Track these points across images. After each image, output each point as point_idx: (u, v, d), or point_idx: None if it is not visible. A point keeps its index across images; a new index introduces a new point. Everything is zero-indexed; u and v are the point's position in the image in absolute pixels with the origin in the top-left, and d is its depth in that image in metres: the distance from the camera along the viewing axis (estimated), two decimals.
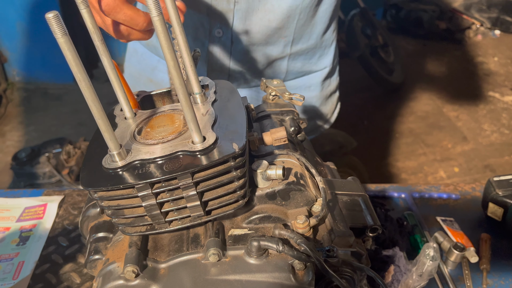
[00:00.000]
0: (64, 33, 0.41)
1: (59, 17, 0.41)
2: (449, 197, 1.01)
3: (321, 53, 1.05)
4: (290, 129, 0.68)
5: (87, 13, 0.49)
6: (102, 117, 0.47)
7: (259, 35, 0.92)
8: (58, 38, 0.41)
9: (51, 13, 0.40)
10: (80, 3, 0.49)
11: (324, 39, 1.03)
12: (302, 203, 0.57)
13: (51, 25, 0.41)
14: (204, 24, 0.90)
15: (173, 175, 0.48)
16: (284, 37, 0.95)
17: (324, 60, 1.08)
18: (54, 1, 3.24)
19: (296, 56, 1.01)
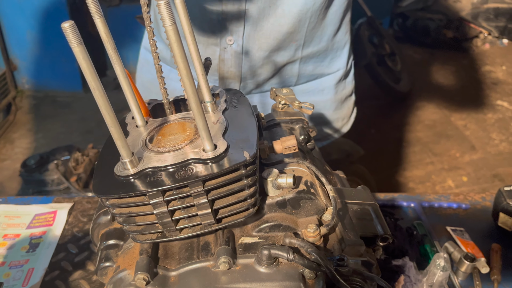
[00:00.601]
0: (80, 42, 0.42)
1: (75, 27, 0.41)
2: (459, 206, 1.00)
3: (333, 56, 1.04)
4: (300, 138, 0.69)
5: (102, 23, 0.50)
6: (115, 125, 0.47)
7: (270, 41, 0.92)
8: (73, 47, 0.42)
9: (67, 22, 0.41)
10: (94, 13, 0.49)
11: (335, 41, 1.03)
12: (313, 211, 0.57)
13: (67, 35, 0.41)
14: (215, 32, 0.91)
15: (184, 183, 0.48)
16: (295, 41, 0.95)
17: (336, 63, 1.07)
18: (64, 11, 3.29)
19: (307, 59, 1.01)
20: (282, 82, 1.03)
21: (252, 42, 0.92)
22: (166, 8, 0.42)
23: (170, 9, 0.42)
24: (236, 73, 0.97)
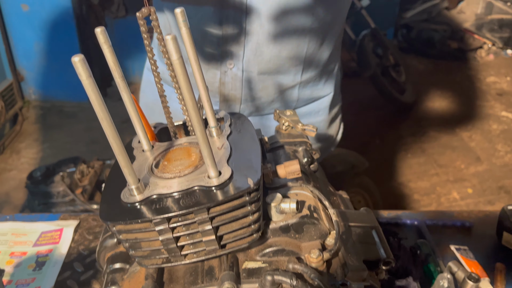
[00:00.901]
0: (89, 75, 0.43)
1: (84, 61, 0.42)
2: (462, 224, 1.00)
3: (326, 78, 1.08)
4: (303, 160, 0.69)
5: (110, 52, 0.51)
6: (122, 154, 0.48)
7: (270, 65, 0.94)
8: (83, 80, 0.43)
9: (77, 56, 0.42)
10: (103, 43, 0.51)
11: (329, 64, 1.06)
12: (316, 236, 0.57)
13: (77, 68, 0.43)
14: (215, 56, 0.92)
15: (189, 210, 0.49)
16: (295, 66, 0.96)
17: (330, 85, 1.10)
18: (71, 23, 3.34)
19: (306, 83, 1.03)
20: (282, 106, 1.04)
21: (252, 66, 0.93)
22: (173, 43, 0.43)
23: (177, 44, 0.43)
24: (236, 95, 0.98)
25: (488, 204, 2.64)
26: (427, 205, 2.67)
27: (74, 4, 3.27)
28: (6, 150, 3.18)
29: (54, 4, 3.25)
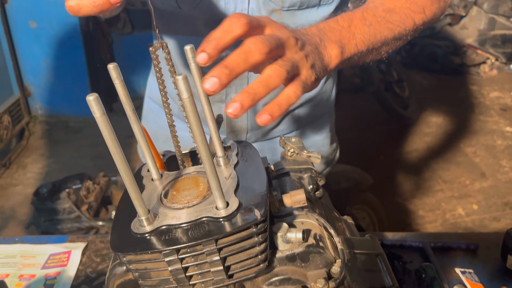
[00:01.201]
0: (103, 112, 0.45)
1: (98, 99, 0.44)
2: (467, 247, 1.01)
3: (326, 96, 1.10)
4: (309, 187, 0.71)
5: (121, 87, 0.53)
6: (133, 186, 0.50)
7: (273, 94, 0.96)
8: (97, 117, 0.45)
9: (91, 95, 0.44)
10: (115, 78, 0.53)
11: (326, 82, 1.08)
12: (321, 265, 0.58)
13: (91, 106, 0.44)
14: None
15: (198, 242, 0.50)
16: None
17: (328, 102, 1.13)
18: (78, 39, 3.39)
19: (307, 104, 1.05)
20: (286, 129, 1.06)
21: None
22: (184, 82, 0.45)
23: (188, 83, 0.45)
24: (243, 126, 1.00)
25: (493, 221, 2.63)
26: (432, 221, 2.66)
27: (81, 21, 3.33)
28: (12, 165, 3.21)
29: (62, 21, 3.31)
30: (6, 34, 3.30)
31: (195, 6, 0.86)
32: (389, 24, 0.75)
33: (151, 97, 1.14)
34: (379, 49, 0.77)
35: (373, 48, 0.74)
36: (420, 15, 0.80)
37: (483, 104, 3.81)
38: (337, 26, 0.69)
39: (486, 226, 2.59)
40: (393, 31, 0.76)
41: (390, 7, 0.77)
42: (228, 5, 0.85)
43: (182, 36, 0.93)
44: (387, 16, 0.75)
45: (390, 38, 0.76)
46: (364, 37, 0.71)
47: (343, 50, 0.68)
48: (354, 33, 0.70)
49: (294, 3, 0.86)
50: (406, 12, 0.78)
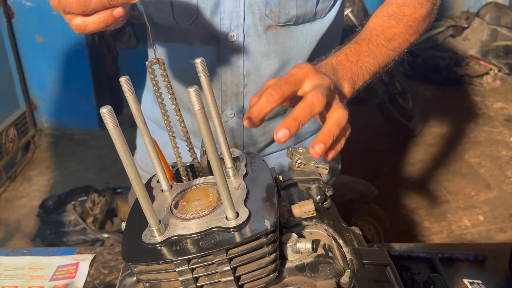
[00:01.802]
0: (116, 124, 0.46)
1: (112, 111, 0.45)
2: (475, 258, 1.00)
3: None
4: (317, 198, 0.71)
5: (133, 100, 0.54)
6: (144, 197, 0.50)
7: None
8: (110, 129, 0.46)
9: (105, 108, 0.45)
10: (127, 91, 0.53)
11: None
12: (331, 275, 0.58)
13: (105, 118, 0.45)
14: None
15: (208, 252, 0.50)
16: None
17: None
18: (83, 53, 3.43)
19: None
20: (283, 145, 1.06)
21: None
22: (196, 94, 0.46)
23: (199, 95, 0.46)
24: (238, 142, 1.01)
25: (500, 232, 2.61)
26: (438, 232, 2.64)
27: (87, 35, 3.37)
28: (17, 177, 3.22)
29: (68, 35, 3.35)
30: (12, 48, 3.34)
31: (192, 21, 0.88)
32: (390, 52, 0.81)
33: (147, 115, 1.15)
34: (379, 73, 0.82)
35: (376, 76, 0.80)
36: (415, 36, 0.86)
37: (487, 115, 3.81)
38: (347, 63, 0.75)
39: (492, 237, 2.57)
40: (393, 57, 0.82)
41: (390, 35, 0.82)
42: (224, 21, 0.87)
43: (180, 50, 0.94)
44: (388, 44, 0.81)
45: (390, 63, 0.82)
46: (369, 69, 0.77)
47: (354, 86, 0.74)
48: (362, 67, 0.76)
49: (290, 19, 0.88)
50: (404, 37, 0.83)
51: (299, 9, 0.87)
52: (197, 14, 0.86)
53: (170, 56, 0.96)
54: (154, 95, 1.12)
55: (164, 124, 0.63)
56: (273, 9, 0.86)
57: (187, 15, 0.87)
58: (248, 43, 0.89)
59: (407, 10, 0.85)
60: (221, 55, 0.91)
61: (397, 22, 0.83)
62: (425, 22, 0.88)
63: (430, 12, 0.88)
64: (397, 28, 0.83)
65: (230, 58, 0.91)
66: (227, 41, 0.89)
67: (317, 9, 0.90)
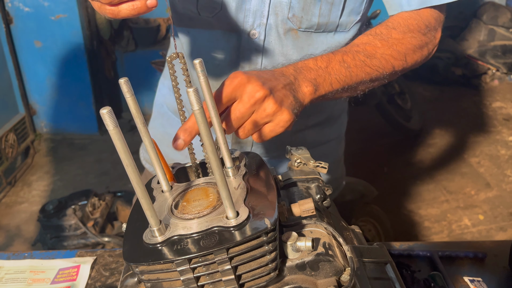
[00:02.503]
0: (116, 125, 0.46)
1: (111, 112, 0.46)
2: (475, 256, 1.00)
3: (333, 123, 1.11)
4: (316, 197, 0.71)
5: (132, 101, 0.54)
6: (145, 197, 0.51)
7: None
8: (110, 129, 0.46)
9: (105, 109, 0.45)
10: (126, 92, 0.54)
11: (335, 109, 1.09)
12: (331, 273, 0.59)
13: (105, 119, 0.46)
14: None
15: (209, 251, 0.51)
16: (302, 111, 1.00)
17: (336, 129, 1.14)
18: (82, 58, 3.43)
19: (312, 127, 1.06)
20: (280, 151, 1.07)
21: None
22: (195, 94, 0.46)
23: (198, 95, 0.46)
24: (247, 142, 1.02)
25: (500, 231, 2.61)
26: (439, 232, 2.65)
27: (85, 40, 3.38)
28: (17, 182, 3.22)
29: (66, 40, 3.36)
30: (11, 53, 3.35)
31: (215, 14, 0.89)
32: (367, 68, 0.80)
33: (165, 103, 1.16)
34: (355, 88, 0.81)
35: (349, 88, 0.79)
36: (401, 62, 0.85)
37: (486, 114, 3.82)
38: (315, 66, 0.75)
39: (492, 236, 2.57)
40: (371, 75, 0.80)
41: (371, 52, 0.81)
42: (247, 18, 0.88)
43: (201, 42, 0.96)
44: (367, 60, 0.80)
45: (367, 80, 0.81)
46: (340, 78, 0.76)
47: (317, 88, 0.74)
48: (330, 73, 0.75)
49: (311, 26, 0.89)
50: (387, 58, 0.82)
51: (322, 18, 0.87)
52: (220, 7, 0.87)
53: (192, 46, 0.97)
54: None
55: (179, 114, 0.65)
56: (296, 13, 0.87)
57: (211, 8, 0.88)
58: (268, 42, 0.91)
59: (395, 34, 0.84)
60: (241, 51, 0.92)
61: (383, 44, 0.82)
62: (415, 53, 0.86)
63: (422, 45, 0.87)
64: (381, 49, 0.82)
65: (250, 55, 0.93)
66: (249, 38, 0.90)
67: (340, 21, 0.90)
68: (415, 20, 0.86)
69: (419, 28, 0.86)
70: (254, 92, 0.65)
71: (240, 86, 0.65)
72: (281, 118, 0.68)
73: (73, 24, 3.29)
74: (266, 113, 0.66)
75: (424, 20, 0.87)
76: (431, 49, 0.90)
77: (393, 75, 0.86)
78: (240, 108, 0.65)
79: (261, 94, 0.65)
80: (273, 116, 0.67)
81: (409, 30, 0.85)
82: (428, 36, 0.88)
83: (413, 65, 0.88)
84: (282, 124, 0.68)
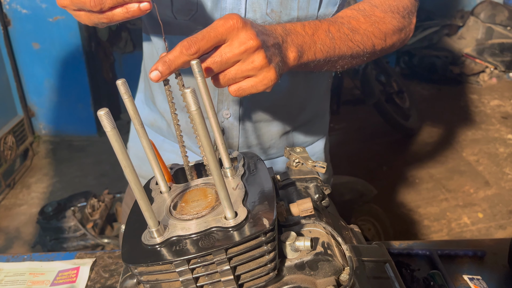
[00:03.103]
0: (113, 127, 0.46)
1: (109, 114, 0.46)
2: (474, 254, 1.01)
3: (319, 122, 1.11)
4: (315, 196, 0.71)
5: (130, 102, 0.55)
6: (143, 198, 0.51)
7: (266, 113, 0.96)
8: (107, 131, 0.46)
9: (102, 110, 0.45)
10: (124, 94, 0.54)
11: (320, 108, 1.09)
12: (330, 272, 0.59)
13: (102, 120, 0.46)
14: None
15: (208, 252, 0.51)
16: (289, 112, 0.99)
17: (322, 128, 1.13)
18: (80, 60, 3.43)
19: (299, 128, 1.05)
20: (279, 152, 1.06)
21: (248, 115, 0.96)
22: (192, 95, 0.46)
23: (196, 96, 0.46)
24: (233, 143, 1.01)
25: (499, 229, 2.61)
26: (438, 230, 2.65)
27: (83, 41, 3.38)
28: (16, 185, 3.22)
29: (64, 42, 3.36)
30: (9, 55, 3.34)
31: (191, 16, 0.86)
32: (350, 43, 0.79)
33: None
34: (335, 62, 0.80)
35: (330, 60, 0.78)
36: (380, 41, 0.85)
37: (484, 112, 3.83)
38: (302, 31, 0.72)
39: (492, 234, 2.57)
40: (352, 50, 0.80)
41: (355, 27, 0.81)
42: None
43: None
44: (350, 34, 0.79)
45: (347, 55, 0.80)
46: (323, 48, 0.75)
47: (301, 55, 0.72)
48: (316, 42, 0.74)
49: (291, 20, 0.87)
50: (368, 35, 0.82)
51: (301, 11, 0.86)
52: (196, 9, 0.85)
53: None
54: (145, 95, 1.11)
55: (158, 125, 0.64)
56: (275, 8, 0.85)
57: (186, 10, 0.85)
58: None
59: (378, 12, 0.84)
60: None
61: (366, 20, 0.82)
62: (394, 35, 0.86)
63: (401, 28, 0.87)
64: (364, 25, 0.82)
65: None
66: None
67: (319, 13, 0.88)
68: (394, 1, 0.87)
69: (398, 10, 0.86)
70: (247, 40, 0.61)
71: (233, 30, 0.60)
72: (266, 75, 0.64)
73: (71, 25, 3.29)
74: (253, 65, 0.63)
75: (402, 3, 0.88)
76: (408, 34, 0.90)
77: (372, 55, 0.86)
78: (227, 52, 0.61)
79: (253, 43, 0.61)
80: (259, 71, 0.64)
81: (390, 10, 0.85)
82: (406, 19, 0.88)
83: (391, 47, 0.88)
84: (266, 82, 0.65)
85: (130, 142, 1.21)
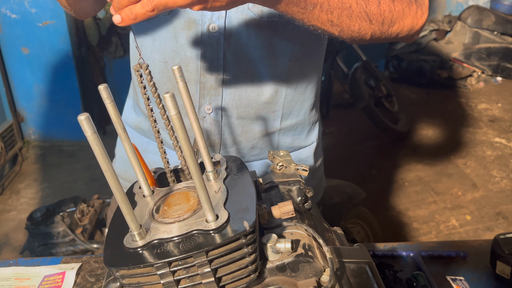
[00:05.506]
0: (94, 131, 0.47)
1: (89, 118, 0.46)
2: (457, 255, 1.02)
3: (309, 129, 1.10)
4: (297, 199, 0.72)
5: (112, 107, 0.55)
6: (124, 202, 0.51)
7: (248, 109, 0.95)
8: (88, 136, 0.47)
9: (83, 115, 0.46)
10: (106, 99, 0.55)
11: (311, 115, 1.08)
12: (311, 274, 0.60)
13: (83, 125, 0.46)
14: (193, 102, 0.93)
15: (189, 254, 0.51)
16: (273, 112, 0.98)
17: (312, 136, 1.12)
18: (70, 65, 3.42)
19: (286, 131, 1.04)
20: (263, 153, 1.05)
21: (231, 110, 0.95)
22: (171, 100, 0.47)
23: (175, 100, 0.47)
24: (215, 140, 0.99)
25: (487, 231, 2.65)
26: (427, 233, 2.68)
27: (73, 46, 3.37)
28: (5, 191, 3.19)
29: (54, 47, 3.34)
30: None
31: (170, 11, 0.86)
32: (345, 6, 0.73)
33: (127, 121, 1.12)
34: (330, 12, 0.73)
35: (308, 17, 0.72)
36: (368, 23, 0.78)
37: (472, 116, 3.88)
38: None
39: (480, 236, 2.60)
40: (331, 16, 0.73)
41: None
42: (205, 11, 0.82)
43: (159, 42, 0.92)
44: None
45: (346, 6, 0.74)
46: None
47: None
48: None
49: (274, 15, 0.86)
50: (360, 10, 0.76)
51: None
52: None
53: (151, 48, 0.94)
54: (134, 101, 1.12)
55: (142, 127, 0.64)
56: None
57: None
58: (229, 35, 0.88)
59: None
60: (201, 46, 0.89)
61: None
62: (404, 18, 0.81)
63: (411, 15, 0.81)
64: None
65: (210, 50, 0.90)
66: (209, 32, 0.87)
67: None
68: None
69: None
70: None
71: None
72: None
73: (61, 30, 3.28)
74: None
75: None
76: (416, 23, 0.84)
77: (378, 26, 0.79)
78: None
79: None
80: None
81: None
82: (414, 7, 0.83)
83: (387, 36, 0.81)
84: None
85: (117, 146, 1.22)
